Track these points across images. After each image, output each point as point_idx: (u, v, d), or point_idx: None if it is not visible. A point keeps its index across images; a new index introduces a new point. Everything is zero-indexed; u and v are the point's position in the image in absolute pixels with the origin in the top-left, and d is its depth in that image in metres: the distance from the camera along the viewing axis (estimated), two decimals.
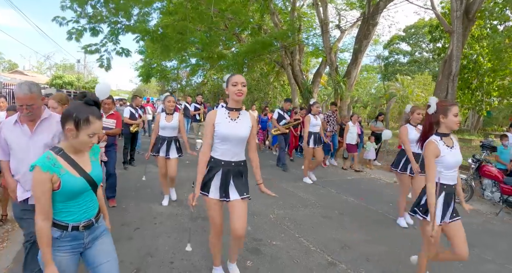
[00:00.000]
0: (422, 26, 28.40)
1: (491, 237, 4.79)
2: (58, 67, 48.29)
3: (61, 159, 1.76)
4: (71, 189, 1.76)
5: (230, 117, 2.75)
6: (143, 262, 3.38)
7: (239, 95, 2.66)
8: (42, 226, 1.71)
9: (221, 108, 2.82)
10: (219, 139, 2.74)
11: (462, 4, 9.61)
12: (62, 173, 1.73)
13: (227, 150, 2.76)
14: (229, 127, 2.70)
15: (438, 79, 10.70)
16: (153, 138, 5.26)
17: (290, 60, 16.08)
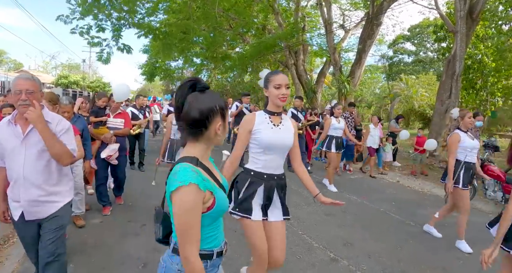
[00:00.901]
0: (427, 25, 28.33)
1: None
2: (63, 67, 48.64)
3: (202, 171, 1.35)
4: (223, 207, 1.42)
5: (273, 123, 2.37)
6: (150, 257, 3.47)
7: (283, 100, 2.31)
8: (198, 265, 1.28)
9: (259, 112, 2.43)
10: (261, 149, 2.34)
11: (466, 4, 9.64)
12: (216, 189, 1.38)
13: (270, 161, 2.37)
14: (273, 134, 2.33)
15: (442, 79, 10.74)
16: (164, 143, 4.83)
17: (294, 60, 16.15)
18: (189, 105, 1.33)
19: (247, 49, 17.24)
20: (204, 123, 1.34)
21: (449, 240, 4.42)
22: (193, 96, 1.34)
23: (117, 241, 3.82)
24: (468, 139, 4.09)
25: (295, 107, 8.19)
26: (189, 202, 1.24)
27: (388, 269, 3.49)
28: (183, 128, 1.38)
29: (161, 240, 1.56)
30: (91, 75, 42.26)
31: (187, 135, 1.39)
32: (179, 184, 1.23)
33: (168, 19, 15.50)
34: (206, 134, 1.37)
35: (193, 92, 1.35)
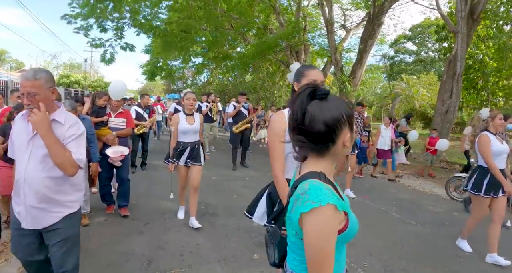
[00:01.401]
0: (428, 25, 28.35)
1: None
2: (65, 67, 48.71)
3: (333, 189, 1.14)
4: (355, 229, 1.23)
5: None
6: (155, 254, 3.53)
7: None
8: None
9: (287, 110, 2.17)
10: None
11: (467, 5, 9.68)
12: (349, 209, 1.20)
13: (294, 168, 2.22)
14: None
15: (443, 79, 10.78)
16: (172, 145, 4.31)
17: (295, 60, 16.18)
18: (311, 117, 1.12)
19: (248, 49, 17.28)
20: (330, 137, 1.13)
21: (449, 239, 4.46)
22: (314, 106, 1.13)
23: (121, 239, 3.87)
24: (498, 143, 3.78)
25: None
26: (327, 225, 1.04)
27: (389, 267, 3.54)
28: (303, 143, 1.17)
29: (275, 263, 1.38)
30: (92, 74, 42.33)
31: (310, 151, 1.20)
32: (314, 204, 1.03)
33: (170, 18, 15.52)
34: (332, 149, 1.16)
35: (313, 101, 1.15)
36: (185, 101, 4.29)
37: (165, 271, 3.21)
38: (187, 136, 4.28)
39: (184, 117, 4.28)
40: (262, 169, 8.20)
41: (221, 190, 6.24)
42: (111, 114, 4.79)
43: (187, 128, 4.23)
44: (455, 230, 4.81)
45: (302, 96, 1.15)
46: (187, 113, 4.30)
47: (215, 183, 6.64)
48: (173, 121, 4.33)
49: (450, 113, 10.26)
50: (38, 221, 2.07)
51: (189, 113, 4.31)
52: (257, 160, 9.49)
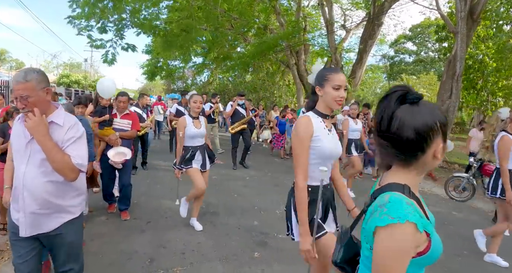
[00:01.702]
0: (428, 25, 28.40)
1: None
2: (65, 66, 48.76)
3: (416, 204, 1.05)
4: (438, 252, 1.09)
5: (327, 128, 2.08)
6: (156, 252, 3.57)
7: (340, 104, 2.02)
8: None
9: (312, 114, 2.09)
10: (319, 159, 2.02)
11: (467, 5, 9.70)
12: (433, 229, 1.06)
13: (327, 173, 2.05)
14: (330, 142, 2.04)
15: (443, 79, 10.80)
16: (179, 150, 4.11)
17: (295, 60, 16.22)
18: (400, 122, 1.03)
19: (248, 49, 17.32)
20: (420, 146, 1.04)
21: (448, 238, 4.50)
22: (405, 111, 1.04)
23: (123, 238, 3.91)
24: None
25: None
26: (402, 245, 0.95)
27: None
28: (388, 150, 1.09)
29: (336, 263, 1.30)
30: (92, 74, 42.38)
31: (395, 159, 1.10)
32: (391, 220, 0.95)
33: (170, 18, 15.55)
34: (421, 159, 1.06)
35: (402, 105, 1.06)
36: (191, 103, 4.11)
37: (167, 269, 3.24)
38: (195, 140, 4.12)
39: (191, 121, 4.09)
40: (263, 169, 8.24)
41: (222, 190, 6.28)
42: (117, 114, 4.67)
43: (195, 132, 4.06)
44: (454, 229, 4.86)
45: (389, 100, 1.07)
46: (193, 116, 4.13)
47: (216, 183, 6.67)
48: (179, 125, 4.07)
49: (450, 113, 10.28)
50: (39, 227, 1.97)
51: (195, 116, 4.15)
52: (257, 160, 9.53)
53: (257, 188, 6.53)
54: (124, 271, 3.18)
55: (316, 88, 2.07)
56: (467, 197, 6.70)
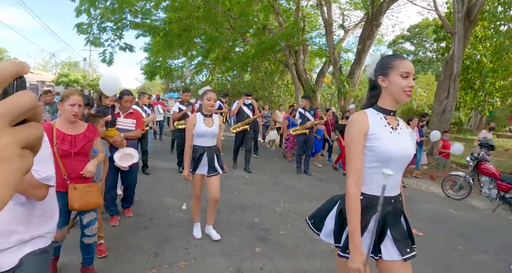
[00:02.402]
0: (426, 26, 28.55)
1: (486, 230, 5.04)
2: (63, 65, 48.73)
3: None
4: None
5: (390, 126, 1.77)
6: (160, 248, 3.66)
7: (409, 94, 1.71)
8: None
9: (370, 110, 1.82)
10: (378, 162, 1.72)
11: (464, 6, 9.83)
12: None
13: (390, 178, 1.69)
14: (393, 142, 1.72)
15: (440, 80, 10.93)
16: (188, 151, 3.76)
17: (294, 60, 16.32)
18: None
19: (247, 48, 17.40)
20: None
21: (445, 235, 4.61)
22: None
23: (127, 234, 3.99)
24: None
25: (303, 107, 7.98)
26: None
27: None
28: None
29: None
30: (91, 73, 42.40)
31: None
32: None
33: (169, 18, 15.63)
34: None
35: None
36: (204, 101, 3.77)
37: (171, 263, 3.33)
38: (204, 139, 3.76)
39: (201, 118, 3.76)
40: (262, 168, 8.34)
41: (222, 188, 6.27)
42: (120, 114, 4.46)
43: (204, 130, 3.71)
44: (450, 226, 4.98)
45: None
46: (206, 113, 3.79)
47: None
48: (189, 122, 3.77)
49: (447, 113, 10.41)
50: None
51: (208, 114, 3.80)
52: (256, 159, 9.62)
53: (257, 186, 6.62)
54: (130, 265, 3.27)
55: (379, 79, 1.78)
56: (463, 195, 6.82)
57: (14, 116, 0.27)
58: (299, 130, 7.89)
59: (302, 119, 7.87)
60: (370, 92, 1.88)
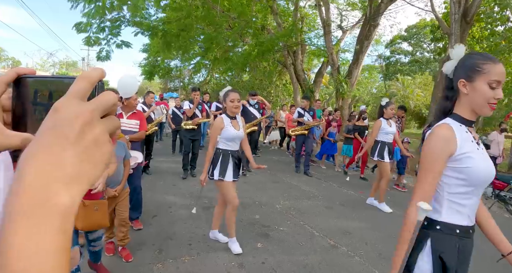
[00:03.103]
0: (424, 26, 28.72)
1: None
2: (61, 65, 48.68)
3: None
4: None
5: (476, 141, 1.50)
6: (164, 244, 3.76)
7: (493, 108, 1.43)
8: None
9: (452, 122, 1.50)
10: (472, 186, 1.44)
11: (460, 8, 9.95)
12: None
13: (473, 207, 1.49)
14: (484, 161, 1.45)
15: (437, 80, 11.05)
16: (211, 154, 3.57)
17: (292, 60, 16.42)
18: None
19: (246, 49, 17.49)
20: None
21: None
22: None
23: (131, 231, 4.07)
24: None
25: (303, 108, 7.96)
26: None
27: (383, 254, 3.80)
28: None
29: None
30: None
31: None
32: None
33: (168, 17, 15.69)
34: None
35: None
36: (227, 103, 3.54)
37: (175, 258, 3.44)
38: (232, 143, 3.60)
39: (229, 121, 3.55)
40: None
41: None
42: (123, 114, 4.18)
43: (234, 134, 3.53)
44: None
45: None
46: (231, 116, 3.58)
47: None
48: (215, 126, 3.54)
49: None
50: None
51: (233, 116, 3.60)
52: (256, 159, 9.71)
53: (257, 184, 6.73)
54: (135, 260, 3.36)
55: (460, 83, 1.46)
56: None
57: (103, 110, 0.37)
58: (299, 130, 7.90)
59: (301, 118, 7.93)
60: (446, 92, 1.57)
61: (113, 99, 0.38)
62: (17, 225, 0.28)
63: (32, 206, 0.29)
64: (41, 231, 0.29)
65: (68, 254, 0.30)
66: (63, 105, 0.34)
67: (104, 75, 0.40)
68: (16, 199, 0.29)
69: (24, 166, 0.30)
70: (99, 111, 0.36)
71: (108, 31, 14.39)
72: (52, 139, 0.32)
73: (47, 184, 0.30)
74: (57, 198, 0.30)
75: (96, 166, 0.34)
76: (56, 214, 0.30)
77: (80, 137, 0.33)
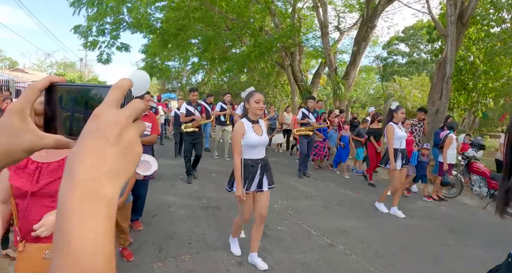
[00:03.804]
0: (421, 27, 28.87)
1: (476, 226, 5.24)
2: (59, 65, 48.64)
3: None
4: None
5: None
6: (164, 243, 3.83)
7: None
8: None
9: None
10: None
11: (456, 9, 10.06)
12: None
13: None
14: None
15: (433, 81, 11.16)
16: (238, 166, 3.26)
17: (290, 61, 16.50)
18: None
19: (244, 49, 17.57)
20: None
21: (436, 230, 4.82)
22: None
23: (132, 230, 4.15)
24: None
25: (307, 108, 7.85)
26: None
27: (380, 252, 3.88)
28: None
29: None
30: (87, 74, 42.40)
31: None
32: None
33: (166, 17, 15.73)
34: None
35: None
36: (252, 103, 3.20)
37: (176, 257, 3.50)
38: (255, 151, 3.24)
39: (250, 126, 3.21)
40: None
41: (222, 186, 6.48)
42: None
43: (256, 140, 3.19)
44: (441, 222, 5.18)
45: None
46: (253, 119, 3.25)
47: (215, 180, 6.93)
48: (236, 132, 3.20)
49: (440, 114, 10.62)
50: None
51: (255, 120, 3.27)
52: None
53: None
54: (136, 259, 3.42)
55: None
56: (455, 193, 7.02)
57: (135, 116, 0.44)
58: (303, 131, 7.67)
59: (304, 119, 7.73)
60: None
61: (143, 106, 0.45)
62: (74, 214, 0.35)
63: (85, 198, 0.35)
64: (93, 217, 0.35)
65: (113, 235, 0.37)
66: (103, 112, 0.41)
67: (132, 84, 0.47)
68: (70, 192, 0.36)
69: (73, 164, 0.37)
70: (132, 117, 0.43)
71: (108, 33, 14.43)
72: (95, 141, 0.39)
73: (96, 178, 0.37)
74: (104, 190, 0.37)
75: (131, 163, 0.41)
76: (104, 203, 0.36)
77: (118, 139, 0.40)
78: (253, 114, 3.23)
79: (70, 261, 0.33)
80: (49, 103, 0.51)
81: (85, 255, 0.34)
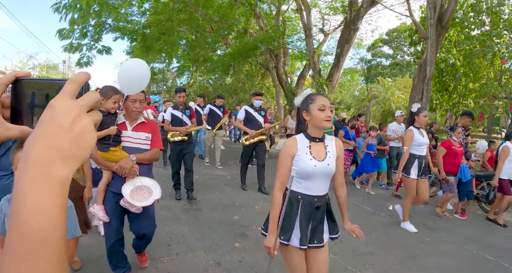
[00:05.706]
0: (404, 30, 29.33)
1: (454, 224, 5.37)
2: (41, 68, 47.87)
3: None
4: None
5: None
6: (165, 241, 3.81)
7: None
8: None
9: None
10: None
11: (436, 13, 10.28)
12: None
13: None
14: None
15: (414, 82, 11.37)
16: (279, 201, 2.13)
17: (274, 63, 16.59)
18: None
19: (229, 51, 17.62)
20: None
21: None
22: None
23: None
24: None
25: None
26: None
27: (358, 251, 3.94)
28: None
29: None
30: (70, 76, 41.81)
31: None
32: None
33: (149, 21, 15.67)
34: None
35: None
36: (314, 111, 2.11)
37: (155, 259, 3.50)
38: (310, 183, 2.16)
39: (306, 146, 2.15)
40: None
41: (204, 188, 6.53)
42: (127, 125, 2.89)
43: (310, 167, 2.10)
44: (420, 220, 5.28)
45: None
46: (314, 136, 2.17)
47: (198, 182, 6.89)
48: (285, 152, 2.16)
49: None
50: None
51: (317, 137, 2.17)
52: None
53: (237, 186, 6.79)
54: None
55: None
56: (434, 192, 7.15)
57: (90, 106, 0.49)
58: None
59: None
60: None
61: (97, 98, 0.50)
62: (29, 191, 0.40)
63: (38, 178, 0.41)
64: (46, 195, 0.41)
65: (64, 212, 0.43)
66: (58, 102, 0.45)
67: (89, 77, 0.52)
68: (25, 173, 0.41)
69: (29, 149, 0.42)
70: (86, 107, 0.47)
71: (90, 36, 14.27)
72: (50, 128, 0.43)
73: (49, 161, 0.42)
74: (57, 172, 0.42)
75: (85, 149, 0.46)
76: (56, 183, 0.42)
77: (72, 126, 0.44)
78: (316, 127, 2.15)
79: (20, 233, 0.39)
80: (15, 96, 0.56)
81: (35, 227, 0.39)
